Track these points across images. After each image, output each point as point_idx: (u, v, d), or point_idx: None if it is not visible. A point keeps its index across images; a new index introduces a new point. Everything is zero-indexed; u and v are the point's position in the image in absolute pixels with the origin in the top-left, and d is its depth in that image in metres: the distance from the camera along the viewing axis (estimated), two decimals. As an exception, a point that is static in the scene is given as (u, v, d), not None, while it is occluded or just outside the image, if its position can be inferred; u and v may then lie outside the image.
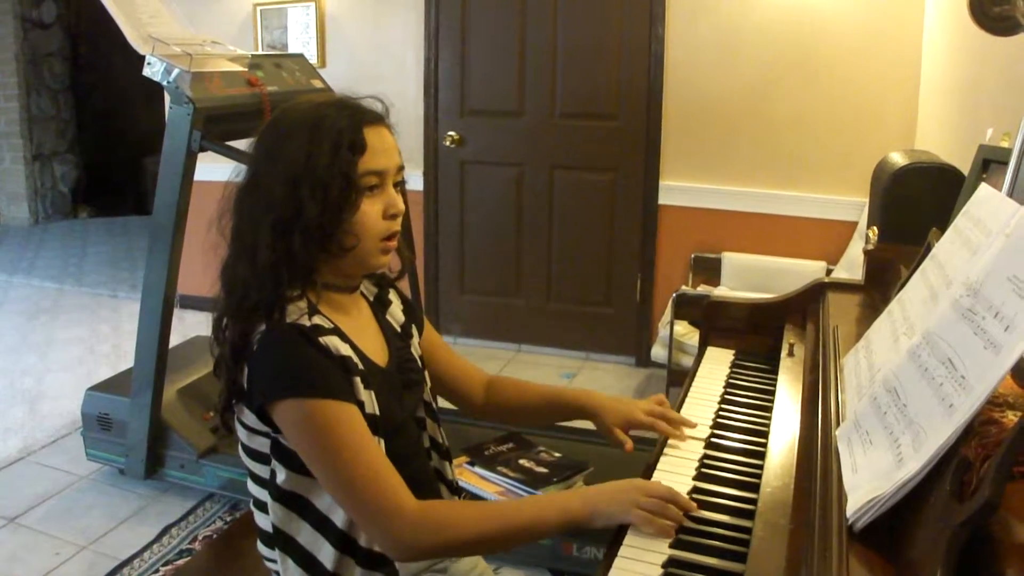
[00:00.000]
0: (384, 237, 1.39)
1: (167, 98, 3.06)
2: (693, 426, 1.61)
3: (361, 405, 1.32)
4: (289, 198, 1.31)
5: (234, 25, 5.04)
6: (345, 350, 1.34)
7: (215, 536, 2.95)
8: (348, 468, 1.27)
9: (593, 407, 1.65)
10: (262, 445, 1.36)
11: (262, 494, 1.39)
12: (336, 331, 1.36)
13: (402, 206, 1.41)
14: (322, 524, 1.34)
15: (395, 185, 1.41)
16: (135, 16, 3.05)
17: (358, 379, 1.33)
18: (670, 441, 1.56)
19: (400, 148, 1.44)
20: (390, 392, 1.44)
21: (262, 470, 1.38)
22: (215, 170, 1.43)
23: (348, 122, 1.34)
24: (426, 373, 1.59)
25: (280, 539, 1.36)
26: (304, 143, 1.32)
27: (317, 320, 1.34)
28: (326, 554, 1.34)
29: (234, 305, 1.35)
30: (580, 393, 1.70)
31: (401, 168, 1.43)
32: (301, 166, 1.31)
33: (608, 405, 1.64)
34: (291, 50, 4.84)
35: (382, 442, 1.35)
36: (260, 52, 4.66)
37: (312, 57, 4.72)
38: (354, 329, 1.42)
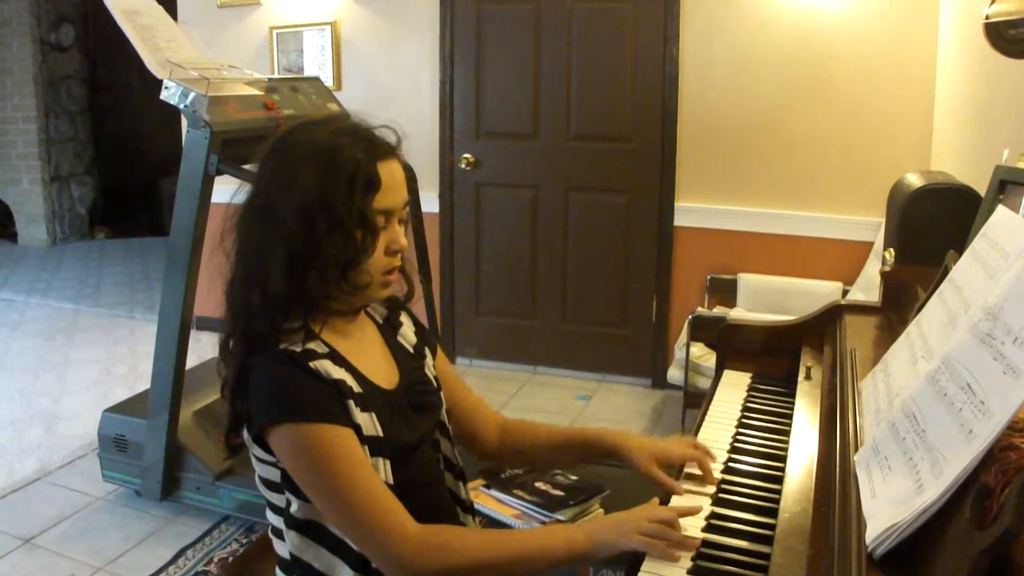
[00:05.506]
0: (384, 272, 1.39)
1: (184, 121, 3.08)
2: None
3: (358, 428, 1.31)
4: (305, 233, 1.30)
5: (251, 49, 5.09)
6: (338, 373, 1.33)
7: (231, 558, 2.95)
8: (346, 491, 1.26)
9: (620, 446, 1.56)
10: (273, 474, 1.35)
11: (278, 522, 1.38)
12: (331, 355, 1.35)
13: (404, 242, 1.41)
14: (340, 548, 1.33)
15: (399, 221, 1.41)
16: (152, 41, 3.08)
17: (352, 402, 1.32)
18: (687, 467, 1.53)
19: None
20: (396, 414, 1.42)
21: (277, 499, 1.37)
22: (231, 192, 1.43)
23: (363, 156, 1.33)
24: (442, 395, 1.58)
25: (298, 567, 1.36)
26: (318, 174, 1.31)
27: (311, 345, 1.34)
28: None
29: (240, 329, 1.35)
30: (603, 432, 1.62)
31: (407, 204, 1.42)
32: (315, 199, 1.30)
33: (638, 443, 1.56)
34: (307, 73, 4.88)
35: (388, 463, 1.34)
36: (276, 75, 4.70)
37: (328, 80, 4.76)
38: (356, 352, 1.42)
